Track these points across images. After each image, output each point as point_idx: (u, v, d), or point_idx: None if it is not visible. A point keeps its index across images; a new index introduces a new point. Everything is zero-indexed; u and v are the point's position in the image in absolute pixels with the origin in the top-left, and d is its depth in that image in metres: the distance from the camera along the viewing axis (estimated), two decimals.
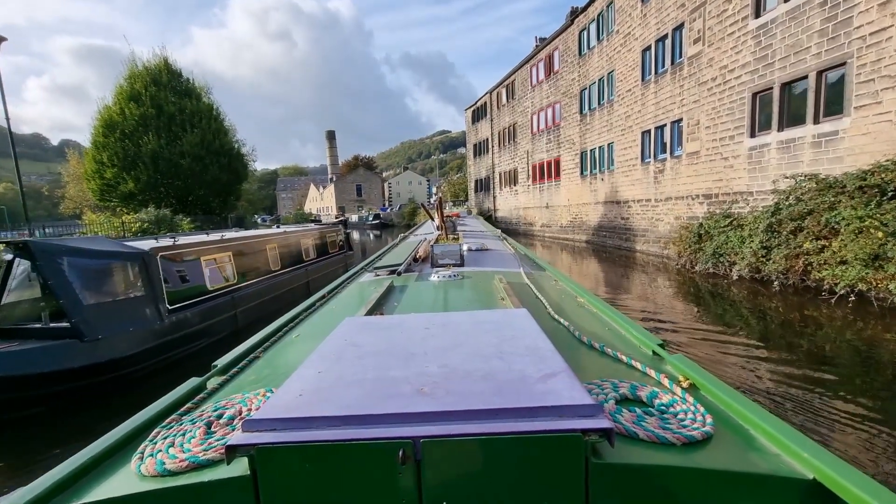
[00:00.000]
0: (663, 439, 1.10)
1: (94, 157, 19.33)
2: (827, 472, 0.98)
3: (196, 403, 1.49)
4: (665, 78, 15.11)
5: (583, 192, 21.99)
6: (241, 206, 34.34)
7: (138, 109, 19.52)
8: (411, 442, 0.95)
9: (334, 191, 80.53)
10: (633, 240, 17.61)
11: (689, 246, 12.61)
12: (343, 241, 15.98)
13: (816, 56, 9.71)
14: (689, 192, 14.19)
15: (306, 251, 12.59)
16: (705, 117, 13.25)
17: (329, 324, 2.15)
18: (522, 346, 1.40)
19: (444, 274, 3.25)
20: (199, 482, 1.03)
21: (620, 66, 17.98)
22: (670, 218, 15.25)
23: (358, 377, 1.22)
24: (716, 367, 5.80)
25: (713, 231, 11.75)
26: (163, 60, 21.14)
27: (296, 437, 0.97)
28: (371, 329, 1.68)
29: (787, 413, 4.48)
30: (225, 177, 21.57)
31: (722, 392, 1.36)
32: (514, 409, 1.01)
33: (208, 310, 7.58)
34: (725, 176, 12.57)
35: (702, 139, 13.46)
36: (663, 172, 15.57)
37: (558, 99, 24.12)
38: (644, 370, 1.55)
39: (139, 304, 6.34)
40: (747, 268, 10.15)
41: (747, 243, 10.37)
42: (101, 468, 1.17)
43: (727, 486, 1.01)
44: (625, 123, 17.91)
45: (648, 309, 9.24)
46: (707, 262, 11.44)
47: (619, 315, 2.23)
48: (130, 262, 6.39)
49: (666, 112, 15.18)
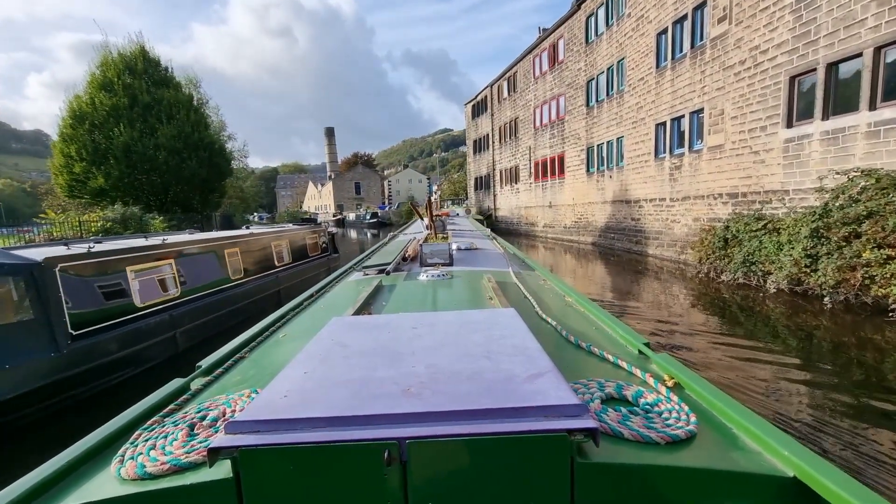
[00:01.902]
0: (648, 438, 1.10)
1: (61, 150, 17.89)
2: (807, 470, 0.99)
3: (179, 405, 1.46)
4: (683, 64, 13.59)
5: (589, 190, 20.48)
6: (231, 203, 32.92)
7: (110, 99, 18.06)
8: (397, 443, 0.94)
9: (332, 188, 79.09)
10: (644, 243, 16.11)
11: (712, 252, 11.11)
12: (326, 243, 14.52)
13: (874, 30, 8.18)
14: (711, 190, 12.68)
15: (279, 255, 11.14)
16: (731, 106, 11.73)
17: (316, 323, 2.13)
18: (510, 345, 1.39)
19: (432, 273, 3.21)
20: (180, 485, 1.01)
21: (632, 52, 16.46)
22: (688, 219, 13.74)
23: (344, 378, 1.21)
24: (752, 397, 4.87)
25: (743, 235, 10.25)
26: (139, 47, 19.69)
27: (280, 439, 0.96)
28: (358, 329, 1.66)
29: (842, 452, 3.84)
30: (205, 172, 20.05)
31: (706, 391, 1.36)
32: (501, 409, 1.00)
33: (135, 332, 6.14)
34: (755, 172, 11.06)
35: (726, 131, 11.95)
36: (680, 169, 14.06)
37: (563, 91, 22.60)
38: (630, 369, 1.55)
39: (24, 331, 4.88)
40: (786, 279, 8.66)
41: (786, 250, 8.87)
42: (79, 472, 1.14)
43: (710, 485, 1.02)
44: (636, 115, 16.39)
45: (666, 323, 7.76)
46: (736, 271, 9.95)
47: (606, 314, 2.21)
48: (13, 278, 4.93)
49: (684, 102, 13.66)
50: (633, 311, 8.92)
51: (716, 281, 10.66)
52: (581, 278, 13.78)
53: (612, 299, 10.20)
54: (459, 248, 4.65)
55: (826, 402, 4.73)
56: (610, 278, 13.52)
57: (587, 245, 20.35)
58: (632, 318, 8.25)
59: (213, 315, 7.80)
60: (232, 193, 33.28)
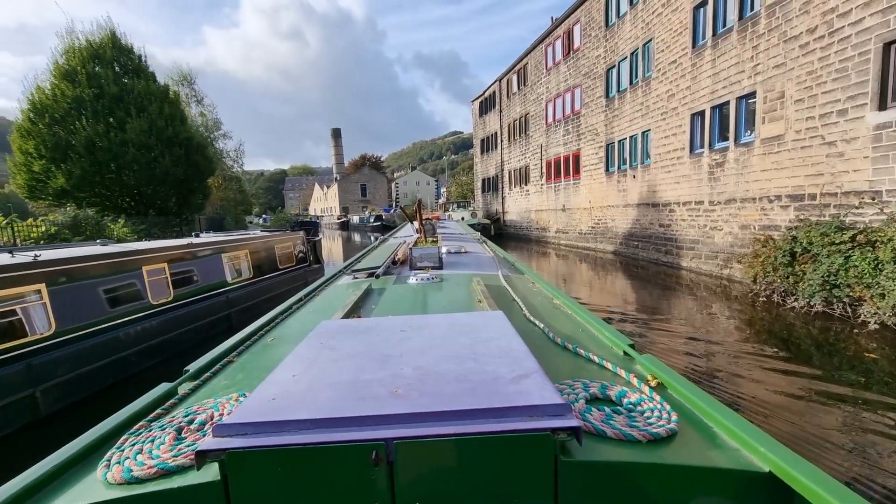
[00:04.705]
0: (630, 437, 1.13)
1: (20, 146, 16.09)
2: (781, 465, 1.01)
3: (166, 409, 1.45)
4: (729, 39, 11.30)
5: (608, 192, 18.19)
6: (224, 205, 31.12)
7: (72, 90, 16.23)
8: (384, 444, 0.95)
9: (337, 190, 77.42)
10: (676, 253, 13.80)
11: (773, 269, 8.82)
12: (304, 253, 12.43)
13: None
14: (765, 191, 10.37)
15: (235, 269, 9.08)
16: (795, 86, 9.43)
17: (305, 327, 2.15)
18: (496, 347, 1.40)
19: (422, 277, 3.24)
20: (168, 488, 1.00)
21: (662, 32, 14.19)
22: (733, 226, 11.42)
23: (332, 380, 1.22)
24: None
25: (819, 248, 7.95)
26: (109, 33, 17.85)
27: (268, 442, 0.96)
28: (347, 332, 1.66)
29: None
30: (181, 171, 18.11)
31: (687, 390, 1.37)
32: (486, 409, 1.02)
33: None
34: (830, 168, 8.74)
35: (788, 118, 9.65)
36: (723, 166, 11.75)
37: (579, 82, 20.36)
38: (615, 370, 1.57)
39: None
40: (893, 311, 6.38)
41: (889, 272, 6.59)
42: (65, 477, 1.12)
43: (689, 481, 1.04)
44: (667, 105, 14.11)
45: (713, 359, 5.46)
46: (813, 296, 7.65)
47: (592, 316, 2.22)
48: None
49: (729, 85, 11.37)
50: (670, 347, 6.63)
51: (781, 306, 8.36)
52: (598, 292, 11.51)
53: (641, 329, 7.92)
54: (449, 252, 4.65)
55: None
56: (635, 293, 11.23)
57: (607, 254, 18.04)
58: (675, 358, 5.99)
59: (110, 358, 5.74)
60: (225, 195, 31.49)
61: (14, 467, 1.22)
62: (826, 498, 0.90)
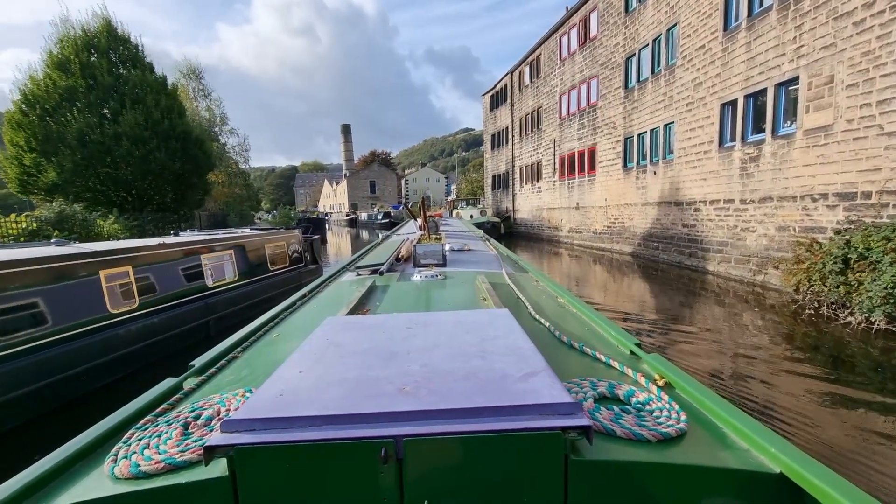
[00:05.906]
0: (639, 436, 1.11)
1: (10, 139, 15.51)
2: (792, 466, 1.00)
3: (172, 404, 1.43)
4: (767, 20, 10.17)
5: (626, 189, 17.08)
6: (228, 202, 30.52)
7: (65, 80, 15.59)
8: (393, 441, 0.94)
9: (346, 187, 76.81)
10: (701, 256, 12.69)
11: (822, 277, 7.73)
12: (299, 253, 11.59)
13: None
14: (809, 188, 9.25)
15: (214, 271, 8.26)
16: (847, 70, 8.30)
17: (310, 323, 2.14)
18: (503, 345, 1.39)
19: (426, 274, 3.21)
20: (175, 484, 0.99)
21: (688, 15, 13.05)
22: (769, 227, 10.31)
23: (339, 377, 1.20)
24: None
25: (879, 255, 6.86)
26: (105, 21, 17.17)
27: (276, 438, 0.95)
28: (353, 328, 1.65)
29: None
30: (178, 165, 17.40)
31: (696, 390, 1.37)
32: (495, 407, 1.01)
33: None
34: (891, 162, 7.62)
35: (838, 105, 8.52)
36: (758, 161, 10.63)
37: (595, 72, 19.23)
38: (622, 369, 1.56)
39: None
40: None
41: None
42: (72, 471, 1.11)
43: (699, 481, 1.03)
44: (693, 94, 12.98)
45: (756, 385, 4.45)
46: (872, 310, 6.58)
47: (598, 315, 2.21)
48: None
49: (767, 70, 10.24)
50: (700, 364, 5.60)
51: (832, 320, 7.28)
52: (614, 296, 10.48)
53: (661, 340, 6.90)
54: (453, 249, 4.66)
55: None
56: (654, 298, 10.19)
57: (624, 255, 16.95)
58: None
59: (53, 378, 4.92)
60: (230, 191, 30.89)
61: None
62: (839, 500, 0.88)
